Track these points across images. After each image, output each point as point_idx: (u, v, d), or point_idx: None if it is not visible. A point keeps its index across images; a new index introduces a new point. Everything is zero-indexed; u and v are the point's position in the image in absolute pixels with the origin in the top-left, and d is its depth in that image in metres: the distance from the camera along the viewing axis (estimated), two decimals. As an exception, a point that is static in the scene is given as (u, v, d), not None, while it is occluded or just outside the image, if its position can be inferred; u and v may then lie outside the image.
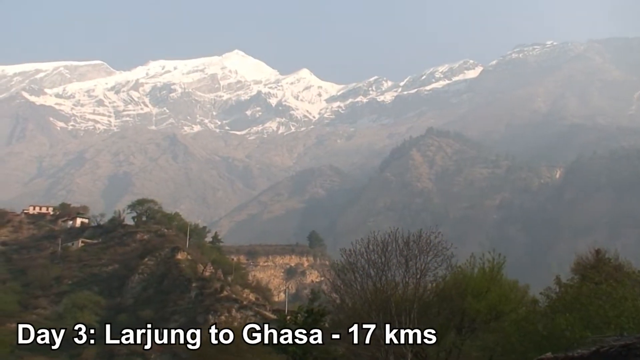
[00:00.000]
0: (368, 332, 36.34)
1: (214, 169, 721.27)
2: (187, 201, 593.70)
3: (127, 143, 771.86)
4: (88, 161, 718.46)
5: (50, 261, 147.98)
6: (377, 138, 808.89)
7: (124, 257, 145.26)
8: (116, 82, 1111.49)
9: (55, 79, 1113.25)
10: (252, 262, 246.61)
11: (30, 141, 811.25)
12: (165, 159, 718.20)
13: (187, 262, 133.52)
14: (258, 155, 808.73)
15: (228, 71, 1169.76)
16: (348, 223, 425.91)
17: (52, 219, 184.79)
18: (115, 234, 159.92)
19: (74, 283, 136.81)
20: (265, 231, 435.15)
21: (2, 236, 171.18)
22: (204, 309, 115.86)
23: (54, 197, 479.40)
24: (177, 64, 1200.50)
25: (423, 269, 42.67)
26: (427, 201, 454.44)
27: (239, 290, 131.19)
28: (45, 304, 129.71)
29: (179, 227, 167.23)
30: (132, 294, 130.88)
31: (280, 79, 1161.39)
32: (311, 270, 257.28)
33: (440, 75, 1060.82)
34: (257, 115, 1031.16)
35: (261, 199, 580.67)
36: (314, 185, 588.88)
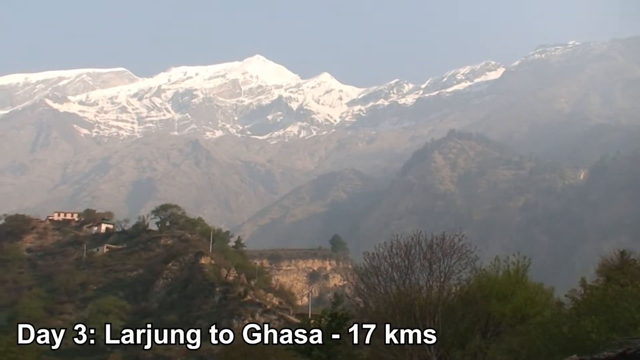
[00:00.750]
0: (391, 335, 36.31)
1: (236, 173, 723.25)
2: (210, 206, 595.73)
3: (150, 149, 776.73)
4: (112, 167, 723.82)
5: (76, 267, 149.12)
6: (398, 141, 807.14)
7: (149, 262, 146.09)
8: (139, 88, 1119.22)
9: (78, 86, 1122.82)
10: (275, 266, 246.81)
11: (55, 148, 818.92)
12: (188, 165, 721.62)
13: (210, 266, 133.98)
14: (280, 159, 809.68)
15: (249, 76, 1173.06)
16: (370, 226, 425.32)
17: (77, 225, 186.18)
18: (140, 240, 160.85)
19: (99, 288, 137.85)
20: (287, 235, 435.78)
21: (28, 243, 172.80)
22: (228, 313, 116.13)
23: (79, 203, 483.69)
24: (199, 69, 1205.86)
25: (447, 272, 42.59)
26: (450, 204, 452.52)
27: (262, 294, 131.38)
28: (70, 310, 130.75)
29: (202, 232, 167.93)
30: (157, 298, 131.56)
31: (301, 83, 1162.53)
32: (334, 274, 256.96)
33: (462, 77, 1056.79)
34: (279, 119, 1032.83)
35: (283, 203, 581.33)
36: (336, 189, 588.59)
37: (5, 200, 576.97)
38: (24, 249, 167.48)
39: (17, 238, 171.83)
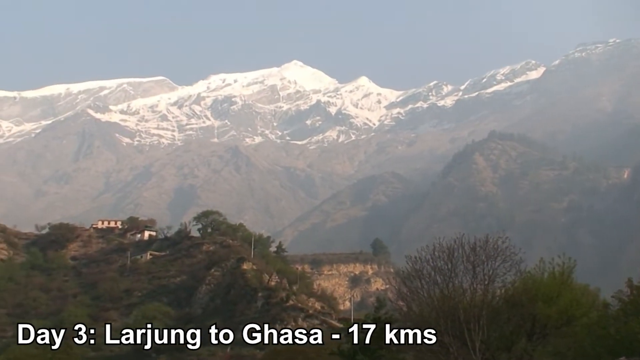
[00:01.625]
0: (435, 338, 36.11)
1: (276, 179, 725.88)
2: (250, 212, 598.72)
3: (191, 156, 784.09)
4: (154, 175, 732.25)
5: (120, 274, 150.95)
6: (438, 143, 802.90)
7: (191, 269, 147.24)
8: (179, 96, 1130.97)
9: (119, 96, 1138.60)
10: (316, 271, 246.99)
11: (97, 157, 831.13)
12: (228, 171, 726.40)
13: (252, 272, 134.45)
14: (319, 164, 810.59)
15: (287, 82, 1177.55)
16: (411, 230, 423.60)
17: (121, 232, 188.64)
18: (182, 246, 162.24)
19: (144, 295, 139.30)
20: (328, 240, 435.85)
21: (72, 251, 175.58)
22: (271, 318, 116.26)
23: (122, 211, 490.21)
24: (237, 76, 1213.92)
25: (491, 275, 42.23)
26: (492, 206, 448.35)
27: (304, 299, 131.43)
28: (115, 317, 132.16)
29: (244, 237, 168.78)
30: (200, 304, 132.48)
31: (339, 87, 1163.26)
32: (376, 278, 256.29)
33: (502, 77, 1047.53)
34: (317, 124, 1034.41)
35: (323, 208, 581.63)
36: (376, 192, 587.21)
37: (50, 210, 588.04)
38: (68, 257, 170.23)
39: (62, 246, 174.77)
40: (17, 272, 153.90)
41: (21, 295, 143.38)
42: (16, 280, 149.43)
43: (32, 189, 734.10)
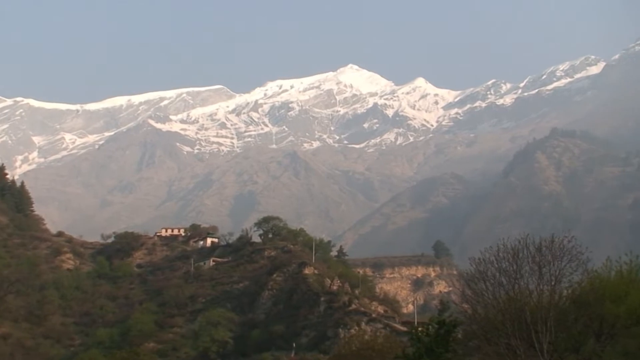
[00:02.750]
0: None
1: (335, 183, 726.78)
2: (310, 216, 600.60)
3: (250, 163, 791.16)
4: (214, 182, 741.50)
5: (184, 281, 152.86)
6: (499, 143, 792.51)
7: (254, 274, 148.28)
8: (236, 104, 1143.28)
9: (179, 106, 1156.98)
10: (378, 274, 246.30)
11: (160, 166, 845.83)
12: (288, 176, 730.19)
13: (314, 276, 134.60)
14: (378, 167, 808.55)
15: (343, 85, 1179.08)
16: (474, 231, 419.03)
17: (184, 239, 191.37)
18: (244, 252, 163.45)
19: (208, 301, 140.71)
20: (389, 243, 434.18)
21: (138, 259, 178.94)
22: (334, 322, 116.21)
23: (185, 218, 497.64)
24: (294, 82, 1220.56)
25: (557, 275, 41.59)
26: (556, 204, 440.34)
27: (367, 303, 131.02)
28: (181, 323, 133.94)
29: (304, 242, 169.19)
30: (263, 309, 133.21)
31: (395, 89, 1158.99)
32: (438, 280, 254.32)
33: (562, 73, 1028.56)
34: (375, 127, 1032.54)
35: (384, 211, 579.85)
36: (437, 194, 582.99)
37: (115, 219, 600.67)
38: (134, 265, 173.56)
39: (127, 255, 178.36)
40: (84, 281, 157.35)
41: (88, 303, 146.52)
42: (83, 289, 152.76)
43: (97, 199, 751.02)
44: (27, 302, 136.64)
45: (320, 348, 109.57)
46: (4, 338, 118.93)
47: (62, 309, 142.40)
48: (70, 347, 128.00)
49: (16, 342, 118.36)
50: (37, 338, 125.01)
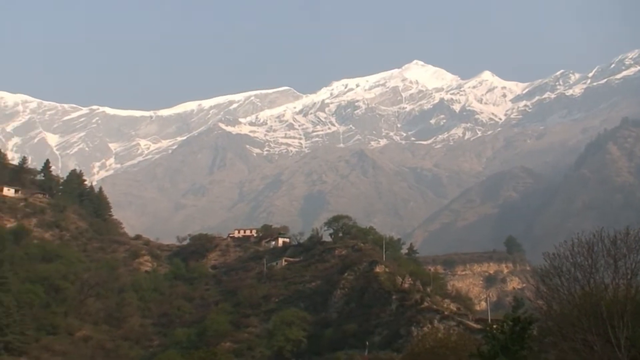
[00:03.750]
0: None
1: (404, 180, 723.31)
2: (379, 214, 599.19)
3: (319, 162, 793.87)
4: (284, 183, 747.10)
5: (257, 281, 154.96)
6: (569, 134, 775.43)
7: (325, 273, 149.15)
8: (303, 105, 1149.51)
9: (247, 108, 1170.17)
10: (449, 271, 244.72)
11: (230, 169, 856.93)
12: (356, 175, 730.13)
13: (385, 275, 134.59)
14: (446, 163, 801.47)
15: (409, 82, 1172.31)
16: (546, 225, 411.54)
17: (256, 240, 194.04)
18: (315, 251, 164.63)
19: (281, 301, 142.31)
20: (460, 239, 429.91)
21: (212, 260, 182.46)
22: (406, 320, 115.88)
23: (256, 219, 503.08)
24: (359, 81, 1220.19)
25: (634, 269, 41.06)
26: (630, 196, 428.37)
27: (439, 300, 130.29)
28: (255, 322, 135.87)
29: (374, 240, 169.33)
30: (336, 308, 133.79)
31: (461, 84, 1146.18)
32: (511, 277, 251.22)
33: (631, 61, 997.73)
34: (442, 122, 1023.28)
35: (453, 207, 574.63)
36: (507, 189, 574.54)
37: (189, 221, 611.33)
38: (209, 266, 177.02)
39: (202, 256, 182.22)
40: (161, 282, 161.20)
41: (166, 305, 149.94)
42: (161, 291, 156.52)
43: (171, 202, 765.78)
44: (106, 304, 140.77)
45: (393, 346, 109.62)
46: (85, 340, 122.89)
47: (141, 311, 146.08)
48: (149, 348, 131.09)
49: (96, 345, 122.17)
50: (117, 340, 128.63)
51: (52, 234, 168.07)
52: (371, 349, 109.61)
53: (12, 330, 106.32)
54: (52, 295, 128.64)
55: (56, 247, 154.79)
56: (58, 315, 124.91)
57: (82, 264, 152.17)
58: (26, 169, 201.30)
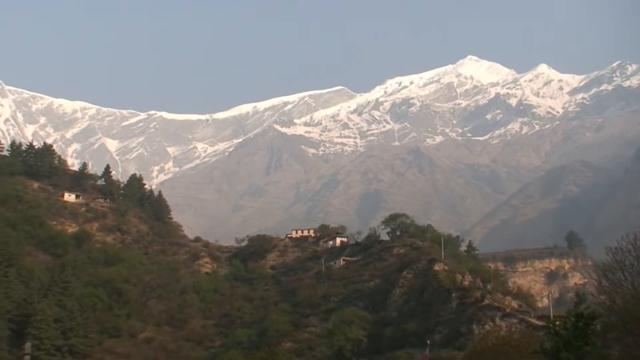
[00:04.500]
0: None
1: (461, 177, 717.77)
2: (437, 212, 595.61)
3: (374, 161, 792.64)
4: (340, 182, 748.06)
5: (316, 280, 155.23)
6: (628, 126, 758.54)
7: (384, 272, 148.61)
8: (357, 104, 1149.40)
9: (302, 109, 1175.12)
10: (510, 268, 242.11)
11: (287, 170, 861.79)
12: (412, 173, 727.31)
13: (444, 273, 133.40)
14: (503, 158, 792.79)
15: (463, 78, 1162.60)
16: (607, 219, 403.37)
17: (314, 240, 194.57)
18: (373, 250, 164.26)
19: (340, 300, 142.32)
20: (519, 235, 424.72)
21: (271, 260, 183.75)
22: (467, 318, 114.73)
23: (313, 219, 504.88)
24: (413, 78, 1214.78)
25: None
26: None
27: (500, 298, 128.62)
28: (315, 322, 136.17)
29: (433, 238, 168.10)
30: (395, 307, 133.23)
31: (517, 77, 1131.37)
32: (573, 272, 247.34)
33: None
34: (498, 117, 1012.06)
35: (512, 203, 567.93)
36: (566, 183, 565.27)
37: (247, 223, 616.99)
38: (268, 267, 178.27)
39: (261, 257, 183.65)
40: (221, 283, 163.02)
41: (227, 305, 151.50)
42: (221, 292, 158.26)
43: (229, 204, 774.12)
44: (168, 306, 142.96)
45: (454, 345, 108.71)
46: (147, 342, 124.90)
47: (202, 312, 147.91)
48: (211, 349, 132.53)
49: (159, 346, 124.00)
50: (179, 341, 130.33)
51: (113, 238, 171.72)
52: (432, 348, 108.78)
53: (75, 333, 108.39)
54: (114, 298, 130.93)
55: (118, 251, 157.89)
56: (120, 318, 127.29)
57: (143, 266, 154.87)
58: (87, 174, 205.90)
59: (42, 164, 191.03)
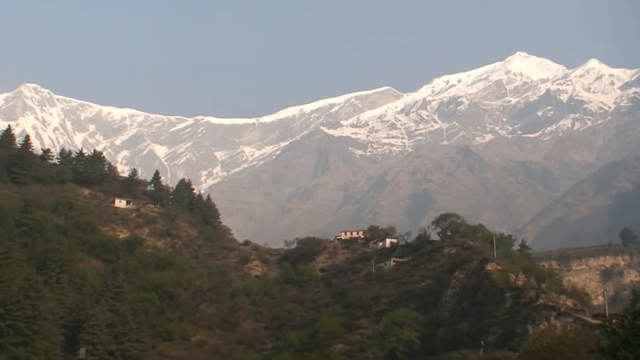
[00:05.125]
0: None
1: (512, 175, 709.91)
2: (488, 211, 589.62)
3: (423, 161, 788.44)
4: (389, 183, 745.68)
5: (366, 282, 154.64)
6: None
7: (435, 273, 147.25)
8: (405, 104, 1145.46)
9: (348, 111, 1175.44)
10: (564, 266, 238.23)
11: (334, 171, 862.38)
12: (462, 172, 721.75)
13: (497, 272, 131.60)
14: (556, 155, 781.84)
15: (512, 74, 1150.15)
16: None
17: (363, 242, 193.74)
18: (424, 251, 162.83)
19: (391, 301, 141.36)
20: (573, 233, 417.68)
21: (320, 262, 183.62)
22: (521, 318, 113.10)
23: (362, 221, 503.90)
24: (460, 76, 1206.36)
25: None
26: None
27: (554, 297, 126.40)
28: (366, 324, 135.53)
29: (484, 238, 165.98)
30: (447, 308, 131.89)
31: (567, 73, 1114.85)
32: (629, 270, 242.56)
33: None
34: (549, 114, 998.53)
35: (565, 200, 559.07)
36: (620, 179, 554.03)
37: (296, 225, 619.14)
38: (317, 269, 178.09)
39: (310, 259, 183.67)
40: (271, 286, 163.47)
41: (277, 308, 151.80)
42: (272, 295, 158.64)
43: (277, 207, 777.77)
44: (219, 309, 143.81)
45: (509, 345, 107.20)
46: (200, 345, 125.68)
47: (253, 315, 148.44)
48: (262, 352, 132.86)
49: (211, 349, 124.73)
50: (231, 344, 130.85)
51: (164, 243, 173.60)
52: (486, 349, 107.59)
53: (128, 338, 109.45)
54: (166, 302, 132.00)
55: (169, 255, 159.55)
56: (173, 322, 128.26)
57: (194, 270, 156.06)
58: (136, 180, 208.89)
59: (93, 171, 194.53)
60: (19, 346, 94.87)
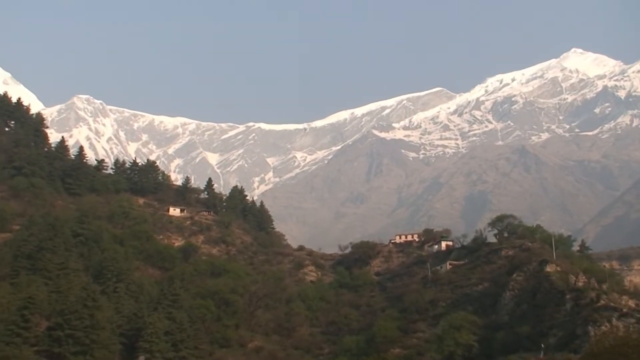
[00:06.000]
0: None
1: (570, 174, 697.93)
2: (546, 211, 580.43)
3: (478, 162, 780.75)
4: (443, 185, 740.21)
5: (422, 285, 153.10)
6: None
7: (492, 275, 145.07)
8: (457, 104, 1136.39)
9: (400, 113, 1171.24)
10: (625, 266, 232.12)
11: (387, 175, 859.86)
12: (518, 172, 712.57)
13: (557, 274, 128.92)
14: (615, 153, 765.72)
15: (568, 72, 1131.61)
16: None
17: (418, 245, 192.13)
18: (480, 253, 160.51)
19: (448, 305, 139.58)
20: (635, 232, 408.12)
21: (375, 267, 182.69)
22: (582, 320, 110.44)
23: (417, 224, 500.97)
24: (515, 75, 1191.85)
25: None
26: None
27: (616, 297, 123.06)
28: (423, 328, 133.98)
29: (543, 239, 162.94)
30: (506, 310, 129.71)
31: (625, 69, 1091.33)
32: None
33: None
34: (607, 111, 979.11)
35: (626, 199, 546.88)
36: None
37: (350, 230, 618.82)
38: (372, 273, 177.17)
39: (365, 263, 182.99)
40: (327, 291, 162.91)
41: (333, 313, 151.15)
42: (327, 300, 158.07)
43: (331, 212, 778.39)
44: (275, 315, 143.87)
45: (570, 347, 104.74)
46: (257, 351, 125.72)
47: (309, 320, 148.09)
48: (319, 357, 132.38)
49: (268, 355, 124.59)
50: (288, 349, 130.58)
51: (219, 250, 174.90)
52: (547, 351, 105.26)
53: (186, 345, 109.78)
54: (222, 308, 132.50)
55: (224, 262, 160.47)
56: (229, 328, 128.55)
57: (249, 277, 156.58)
58: (190, 188, 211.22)
59: (147, 180, 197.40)
60: (78, 355, 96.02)
